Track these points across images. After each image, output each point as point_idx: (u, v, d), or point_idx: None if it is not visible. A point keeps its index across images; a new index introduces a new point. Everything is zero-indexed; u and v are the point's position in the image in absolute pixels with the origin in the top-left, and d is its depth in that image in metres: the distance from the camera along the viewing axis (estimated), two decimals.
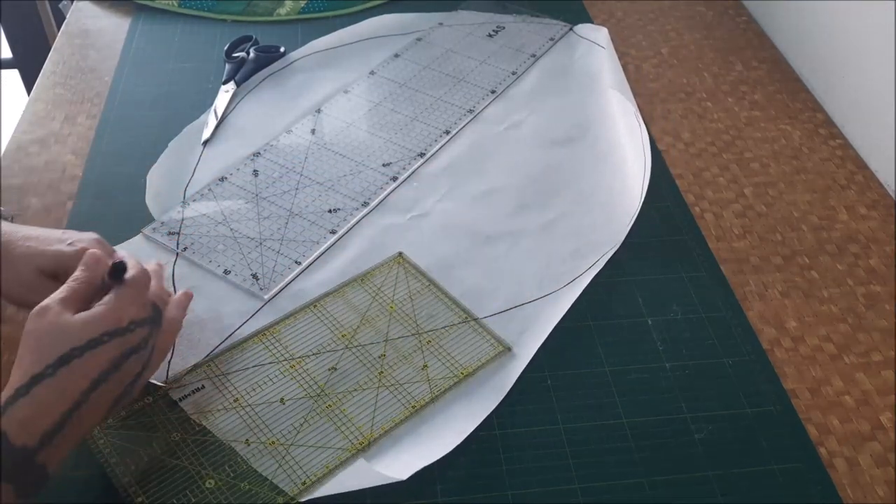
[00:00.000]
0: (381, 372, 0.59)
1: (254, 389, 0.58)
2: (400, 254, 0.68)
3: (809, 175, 0.80)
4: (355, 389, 0.58)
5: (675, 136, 0.85)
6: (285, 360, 0.60)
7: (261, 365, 0.59)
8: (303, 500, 0.51)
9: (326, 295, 0.65)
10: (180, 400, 0.57)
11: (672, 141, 0.84)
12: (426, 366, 0.60)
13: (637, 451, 0.56)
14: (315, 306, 0.64)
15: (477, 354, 0.61)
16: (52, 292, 0.51)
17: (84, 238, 0.58)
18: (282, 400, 0.57)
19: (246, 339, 0.61)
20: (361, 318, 0.63)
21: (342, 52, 0.93)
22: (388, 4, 1.01)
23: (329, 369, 0.59)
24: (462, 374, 0.59)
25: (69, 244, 0.56)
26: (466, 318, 0.63)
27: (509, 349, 0.61)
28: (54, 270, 0.55)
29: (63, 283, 0.52)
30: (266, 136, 0.80)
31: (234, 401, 0.57)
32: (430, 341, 0.61)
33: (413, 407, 0.57)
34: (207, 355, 0.60)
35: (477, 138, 0.82)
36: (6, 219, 0.63)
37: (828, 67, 0.89)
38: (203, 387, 0.58)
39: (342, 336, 0.62)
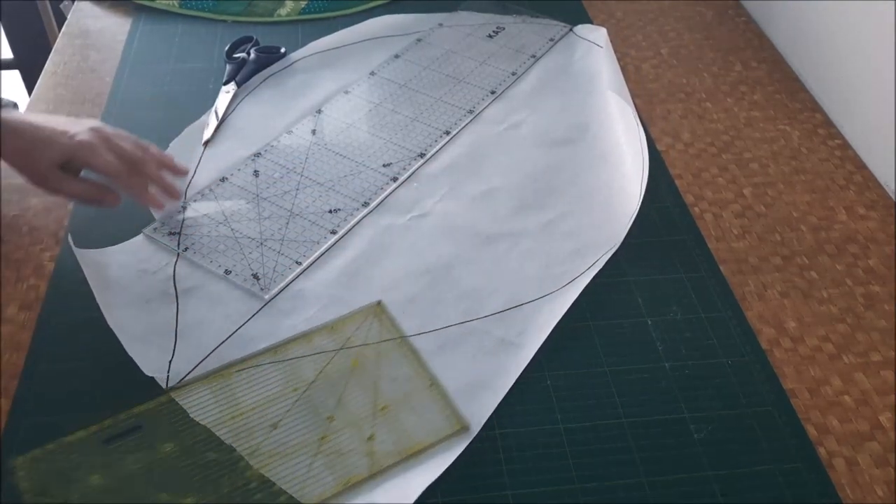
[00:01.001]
0: (324, 437, 0.55)
1: (189, 441, 0.54)
2: (379, 302, 0.64)
3: (808, 175, 0.80)
4: (290, 453, 0.54)
5: (675, 136, 0.85)
6: (229, 409, 0.56)
7: (203, 414, 0.56)
8: None
9: (292, 340, 0.61)
10: (112, 439, 0.54)
11: (671, 141, 0.84)
12: (373, 436, 0.55)
13: (637, 451, 0.56)
14: (276, 352, 0.60)
15: (431, 430, 0.55)
16: (62, 181, 0.64)
17: (80, 131, 0.65)
18: (210, 456, 0.54)
19: (195, 381, 0.58)
20: (321, 372, 0.58)
21: (342, 53, 0.93)
22: (388, 5, 1.01)
23: (271, 426, 0.55)
24: (408, 452, 0.54)
25: (70, 137, 0.64)
26: (432, 383, 0.58)
27: (466, 428, 0.56)
28: (62, 162, 0.64)
29: (72, 171, 0.65)
30: (266, 137, 0.81)
31: (165, 452, 0.54)
32: (384, 407, 0.57)
33: (345, 483, 0.52)
34: (206, 356, 0.60)
35: (477, 139, 0.82)
36: (12, 106, 0.69)
37: (827, 67, 0.90)
38: (141, 427, 0.55)
39: (294, 390, 0.57)
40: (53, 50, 0.93)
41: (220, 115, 0.83)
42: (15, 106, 0.69)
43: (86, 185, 0.66)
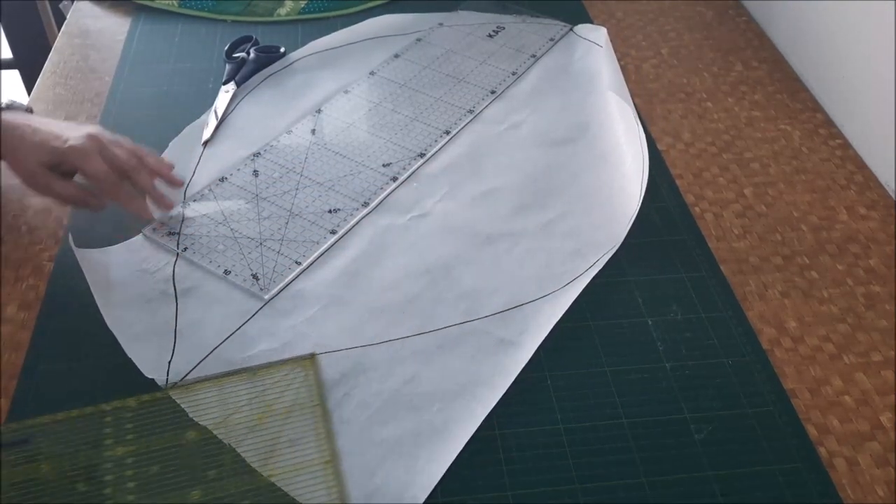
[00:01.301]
0: (199, 495, 0.51)
1: (66, 466, 0.52)
2: (312, 356, 0.60)
3: (809, 175, 0.80)
4: None
5: (675, 136, 0.85)
6: (117, 442, 0.54)
7: (92, 442, 0.54)
8: None
9: (206, 380, 0.58)
10: (6, 447, 0.53)
11: (672, 141, 0.84)
12: None
13: (637, 451, 0.56)
14: (188, 389, 0.57)
15: None
16: (50, 181, 0.66)
17: (76, 136, 0.66)
18: (80, 487, 0.51)
19: (89, 406, 0.56)
20: (222, 421, 0.55)
21: (342, 53, 0.93)
22: (388, 4, 1.01)
23: (152, 468, 0.52)
24: None
25: (63, 141, 0.65)
26: (329, 460, 0.53)
27: None
28: (52, 164, 0.66)
29: (62, 174, 0.66)
30: (266, 137, 0.80)
31: (41, 473, 0.52)
32: (271, 475, 0.52)
33: None
34: (206, 356, 0.60)
35: (477, 138, 0.82)
36: (26, 110, 0.71)
37: (828, 67, 0.89)
38: (28, 441, 0.53)
39: (185, 437, 0.54)
40: (53, 50, 0.93)
41: (220, 114, 0.82)
42: (29, 111, 0.72)
43: (72, 189, 0.67)
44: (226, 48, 0.91)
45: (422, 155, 0.79)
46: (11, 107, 0.69)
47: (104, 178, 0.66)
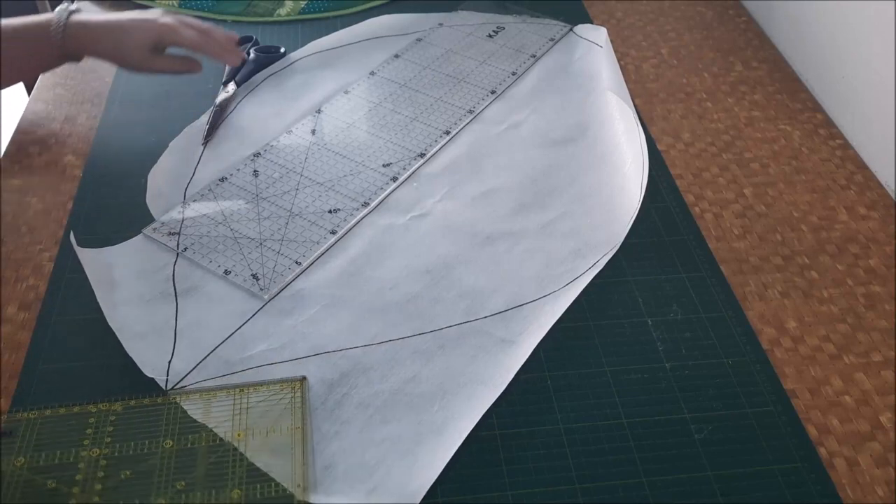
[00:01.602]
0: None
1: (40, 461, 0.53)
2: (303, 379, 0.59)
3: (809, 175, 0.80)
4: None
5: (675, 136, 0.85)
6: (90, 445, 0.54)
7: (71, 441, 0.54)
8: None
9: (195, 392, 0.57)
10: None
11: (672, 141, 0.84)
12: None
13: (637, 451, 0.56)
14: (175, 399, 0.57)
15: None
16: (157, 61, 0.76)
17: (157, 15, 0.75)
18: (50, 484, 0.51)
19: (76, 406, 0.56)
20: (201, 434, 0.55)
21: (342, 53, 0.93)
22: (388, 4, 1.01)
23: (117, 476, 0.52)
24: None
25: (151, 22, 0.74)
26: (300, 483, 0.52)
27: None
28: (150, 46, 0.75)
29: (158, 51, 0.76)
30: (266, 137, 0.81)
31: (17, 465, 0.52)
32: (240, 493, 0.52)
33: None
34: (206, 356, 0.60)
35: (477, 138, 0.82)
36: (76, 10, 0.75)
37: (828, 67, 0.89)
38: (12, 433, 0.54)
39: (162, 446, 0.54)
40: None
41: (220, 115, 0.82)
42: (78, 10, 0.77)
43: (175, 61, 0.78)
44: None
45: (422, 155, 0.79)
46: (73, 10, 0.74)
47: (199, 41, 0.75)
